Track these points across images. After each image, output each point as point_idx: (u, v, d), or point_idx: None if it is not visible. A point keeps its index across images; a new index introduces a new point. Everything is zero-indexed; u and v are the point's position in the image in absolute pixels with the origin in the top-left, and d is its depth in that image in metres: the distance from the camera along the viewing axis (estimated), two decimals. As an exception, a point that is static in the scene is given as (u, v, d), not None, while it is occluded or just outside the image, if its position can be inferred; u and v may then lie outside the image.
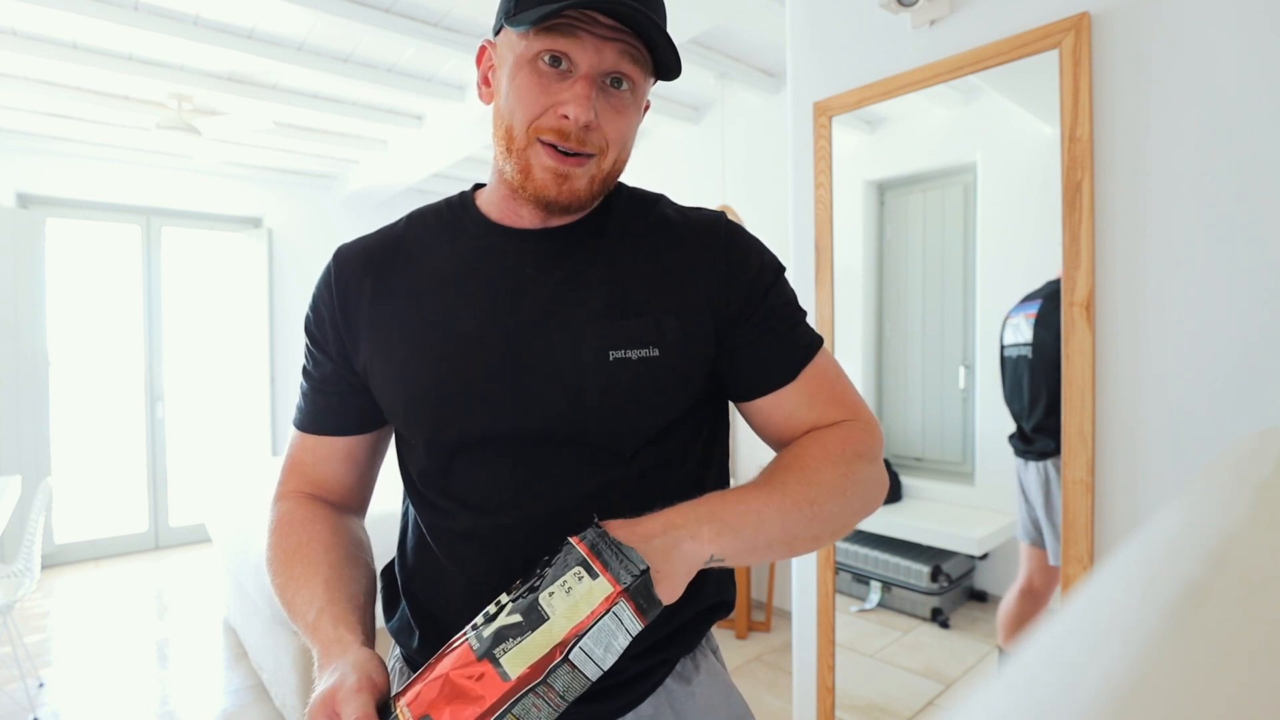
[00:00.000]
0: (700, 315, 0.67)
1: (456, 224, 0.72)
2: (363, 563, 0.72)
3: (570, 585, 0.53)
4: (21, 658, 2.67)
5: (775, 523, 0.60)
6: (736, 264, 0.69)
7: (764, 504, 0.60)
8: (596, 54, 0.60)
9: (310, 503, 0.74)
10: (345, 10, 2.44)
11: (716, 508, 0.59)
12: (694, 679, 0.72)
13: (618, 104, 0.63)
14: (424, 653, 0.71)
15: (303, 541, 0.70)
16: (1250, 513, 0.25)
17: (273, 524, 0.73)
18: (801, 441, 0.68)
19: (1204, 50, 1.14)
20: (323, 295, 0.73)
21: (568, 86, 0.61)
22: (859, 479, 0.65)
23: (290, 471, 0.77)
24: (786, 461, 0.66)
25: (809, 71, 1.72)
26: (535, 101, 0.62)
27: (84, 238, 4.22)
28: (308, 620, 0.63)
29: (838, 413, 0.70)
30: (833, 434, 0.68)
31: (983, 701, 0.15)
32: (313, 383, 0.75)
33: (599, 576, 0.53)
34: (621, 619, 0.52)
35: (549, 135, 0.62)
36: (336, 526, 0.72)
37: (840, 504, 0.64)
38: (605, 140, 0.63)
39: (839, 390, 0.71)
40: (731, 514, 0.59)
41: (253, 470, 3.04)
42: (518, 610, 0.54)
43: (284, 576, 0.68)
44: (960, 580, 1.72)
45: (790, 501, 0.61)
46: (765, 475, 0.65)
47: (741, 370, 0.70)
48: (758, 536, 0.60)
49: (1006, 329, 1.48)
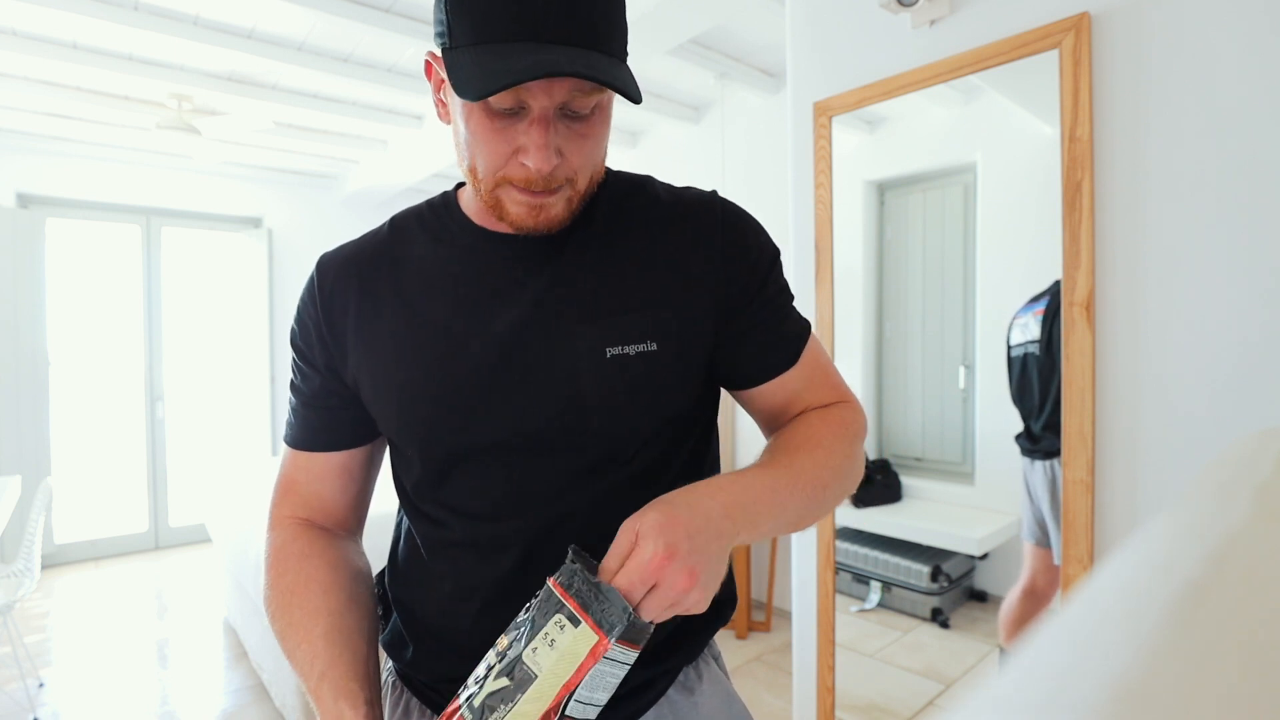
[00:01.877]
0: (698, 303, 0.65)
1: (441, 227, 0.70)
2: (364, 601, 0.70)
3: (553, 637, 0.50)
4: (21, 658, 2.67)
5: (792, 506, 0.61)
6: (735, 247, 0.67)
7: (787, 489, 0.61)
8: (547, 96, 0.55)
9: (306, 533, 0.71)
10: (345, 10, 2.44)
11: (746, 496, 0.58)
12: (697, 689, 0.72)
13: (580, 129, 0.59)
14: (418, 667, 0.70)
15: (301, 581, 0.67)
16: (1250, 513, 0.25)
17: (268, 557, 0.71)
18: (808, 421, 0.69)
19: (1204, 50, 1.14)
20: (307, 307, 0.70)
21: (524, 130, 0.57)
22: (856, 459, 0.68)
23: (284, 493, 0.74)
24: (799, 442, 0.66)
25: (809, 71, 1.72)
26: (496, 152, 0.58)
27: (84, 238, 4.22)
28: (309, 683, 0.63)
29: (831, 394, 0.72)
30: (834, 415, 0.69)
31: (983, 701, 0.15)
32: (302, 397, 0.72)
33: (581, 624, 0.50)
34: (614, 659, 0.50)
35: (516, 182, 0.59)
36: (334, 561, 0.70)
37: (843, 484, 0.66)
38: (573, 168, 0.60)
39: (830, 372, 0.73)
40: (761, 503, 0.59)
41: (253, 470, 3.03)
42: (503, 672, 0.51)
43: (283, 622, 0.66)
44: (960, 580, 1.72)
45: (806, 483, 0.62)
46: (783, 456, 0.64)
47: (742, 357, 0.69)
48: (777, 522, 0.60)
49: (1014, 329, 1.48)
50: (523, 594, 0.65)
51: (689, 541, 0.51)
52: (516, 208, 0.60)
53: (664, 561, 0.50)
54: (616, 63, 0.57)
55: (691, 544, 0.51)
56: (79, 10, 2.34)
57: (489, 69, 0.52)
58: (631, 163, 3.99)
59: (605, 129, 0.62)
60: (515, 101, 0.56)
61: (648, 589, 0.50)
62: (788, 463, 0.63)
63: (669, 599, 0.50)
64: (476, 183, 0.61)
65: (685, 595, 0.50)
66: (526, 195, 0.59)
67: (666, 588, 0.50)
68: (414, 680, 0.72)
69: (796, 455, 0.64)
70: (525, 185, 0.59)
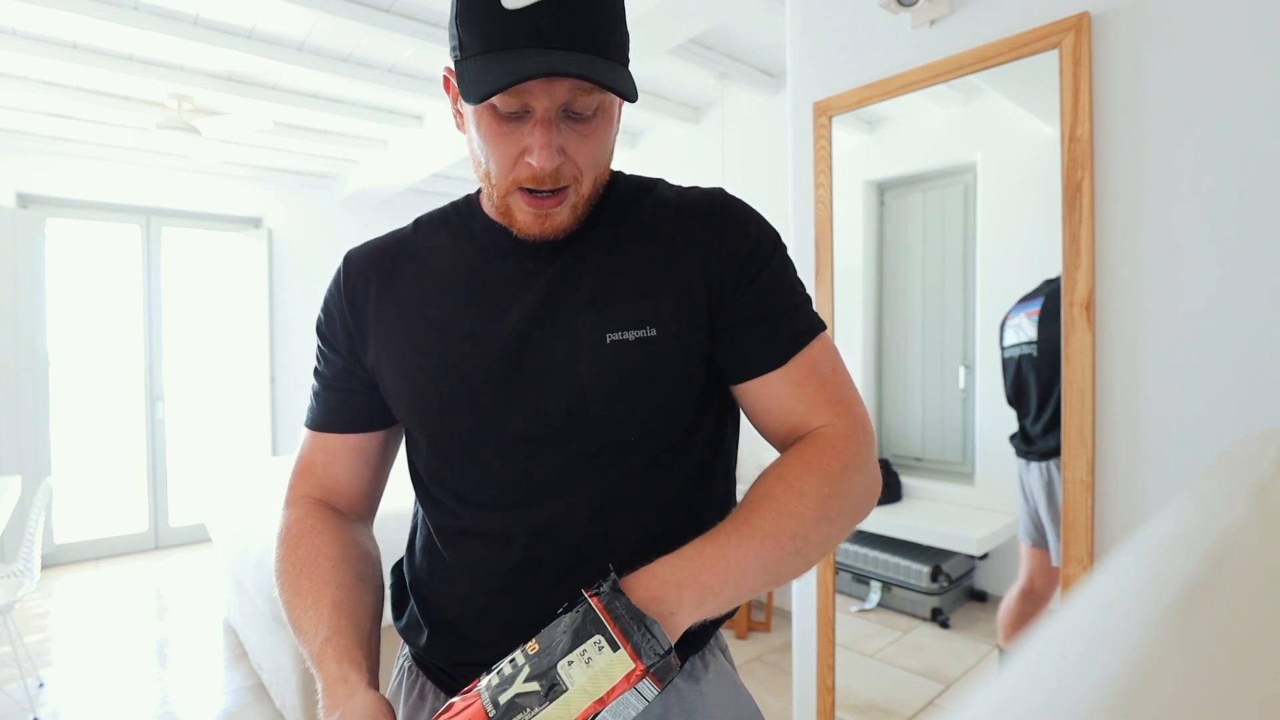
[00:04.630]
0: (695, 291, 0.66)
1: (461, 226, 0.74)
2: (371, 580, 0.72)
3: (590, 656, 0.51)
4: (21, 658, 2.67)
5: (756, 570, 0.58)
6: (731, 237, 0.68)
7: (744, 553, 0.58)
8: (548, 96, 0.58)
9: (320, 510, 0.74)
10: (345, 10, 2.44)
11: (696, 570, 0.57)
12: (703, 678, 0.72)
13: (584, 130, 0.62)
14: (432, 652, 0.72)
15: (311, 555, 0.70)
16: (1250, 513, 0.25)
17: (281, 532, 0.73)
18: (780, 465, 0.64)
19: (1204, 50, 1.14)
20: (333, 297, 0.75)
21: (529, 131, 0.60)
22: (843, 496, 0.62)
23: (301, 474, 0.77)
24: (764, 491, 0.62)
25: (809, 71, 1.72)
26: (505, 153, 0.61)
27: (84, 238, 4.22)
28: (313, 647, 0.64)
29: (827, 409, 0.66)
30: (813, 450, 0.64)
31: (983, 701, 0.15)
32: (324, 381, 0.76)
33: (620, 649, 0.51)
34: (642, 693, 0.51)
35: (525, 183, 0.62)
36: (346, 540, 0.72)
37: (825, 529, 0.61)
38: (578, 168, 0.62)
39: (832, 383, 0.68)
40: (712, 575, 0.57)
41: (253, 470, 3.04)
42: (535, 677, 0.52)
43: (291, 592, 0.68)
44: (960, 580, 1.72)
45: (771, 543, 0.58)
46: (744, 511, 0.61)
47: (730, 350, 0.68)
48: (740, 589, 0.58)
49: (1007, 330, 1.48)
50: (531, 584, 0.66)
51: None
52: (524, 216, 0.64)
53: None
54: (615, 65, 0.60)
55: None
56: (79, 10, 2.34)
57: (492, 73, 0.56)
58: (631, 163, 3.99)
59: (608, 130, 0.65)
60: (520, 105, 0.59)
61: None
62: (745, 519, 0.60)
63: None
64: (491, 189, 0.65)
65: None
66: (534, 205, 0.63)
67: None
68: (429, 665, 0.74)
69: (764, 509, 0.60)
70: (534, 184, 0.62)
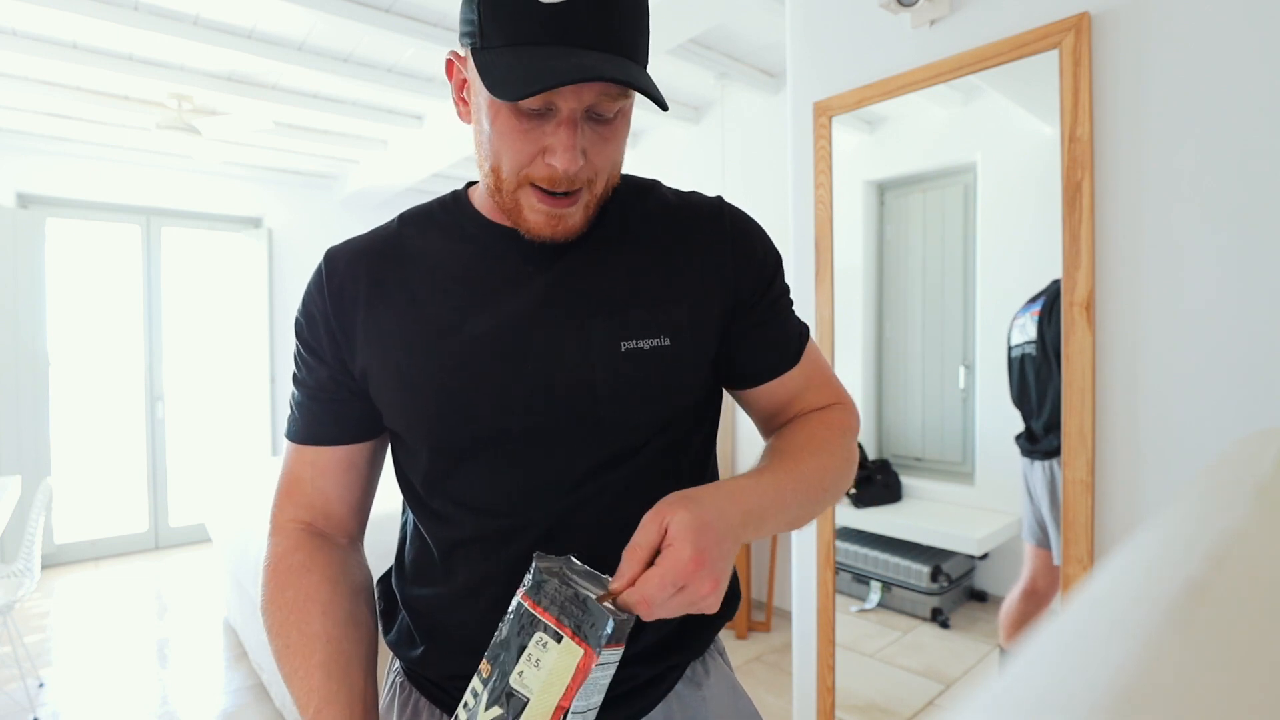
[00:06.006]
0: (708, 302, 0.68)
1: (451, 223, 0.70)
2: (363, 619, 0.70)
3: (537, 656, 0.49)
4: (21, 658, 2.67)
5: (794, 508, 0.63)
6: (744, 252, 0.70)
7: (791, 493, 0.63)
8: (576, 99, 0.57)
9: (309, 542, 0.70)
10: (345, 10, 2.44)
11: (758, 502, 0.59)
12: (704, 683, 0.72)
13: (605, 133, 0.61)
14: (428, 666, 0.70)
15: (300, 599, 0.66)
16: (1250, 513, 0.25)
17: (268, 566, 0.69)
18: (808, 423, 0.72)
19: (1204, 50, 1.14)
20: (314, 298, 0.69)
21: (551, 130, 0.58)
22: (852, 461, 0.72)
23: (287, 493, 0.72)
24: (800, 444, 0.68)
25: (809, 71, 1.72)
26: (522, 151, 0.59)
27: (84, 238, 4.22)
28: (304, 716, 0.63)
29: (829, 395, 0.76)
30: (832, 417, 0.73)
31: (983, 701, 0.15)
32: (306, 390, 0.71)
33: (563, 638, 0.49)
34: (604, 663, 0.49)
35: (540, 182, 0.60)
36: (335, 577, 0.69)
37: (839, 485, 0.69)
38: (594, 170, 0.61)
39: (828, 374, 0.77)
40: (769, 509, 0.60)
41: (253, 470, 3.04)
42: (495, 701, 0.50)
43: (280, 642, 0.66)
44: (960, 580, 1.72)
45: (808, 487, 0.64)
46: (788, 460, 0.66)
47: (747, 356, 0.72)
48: (778, 524, 0.62)
49: (1013, 330, 1.48)
50: None
51: (718, 548, 0.52)
52: (535, 215, 0.62)
53: (695, 567, 0.51)
54: (643, 70, 0.59)
55: (719, 550, 0.52)
56: (79, 10, 2.34)
57: (527, 71, 0.53)
58: (632, 163, 3.99)
59: (626, 132, 0.64)
60: (544, 103, 0.57)
61: (676, 590, 0.51)
62: (792, 466, 0.65)
63: (690, 601, 0.51)
64: (499, 182, 0.62)
65: (704, 599, 0.52)
66: (546, 204, 0.61)
67: (691, 592, 0.51)
68: (422, 679, 0.72)
69: (800, 459, 0.66)
70: (549, 184, 0.60)
